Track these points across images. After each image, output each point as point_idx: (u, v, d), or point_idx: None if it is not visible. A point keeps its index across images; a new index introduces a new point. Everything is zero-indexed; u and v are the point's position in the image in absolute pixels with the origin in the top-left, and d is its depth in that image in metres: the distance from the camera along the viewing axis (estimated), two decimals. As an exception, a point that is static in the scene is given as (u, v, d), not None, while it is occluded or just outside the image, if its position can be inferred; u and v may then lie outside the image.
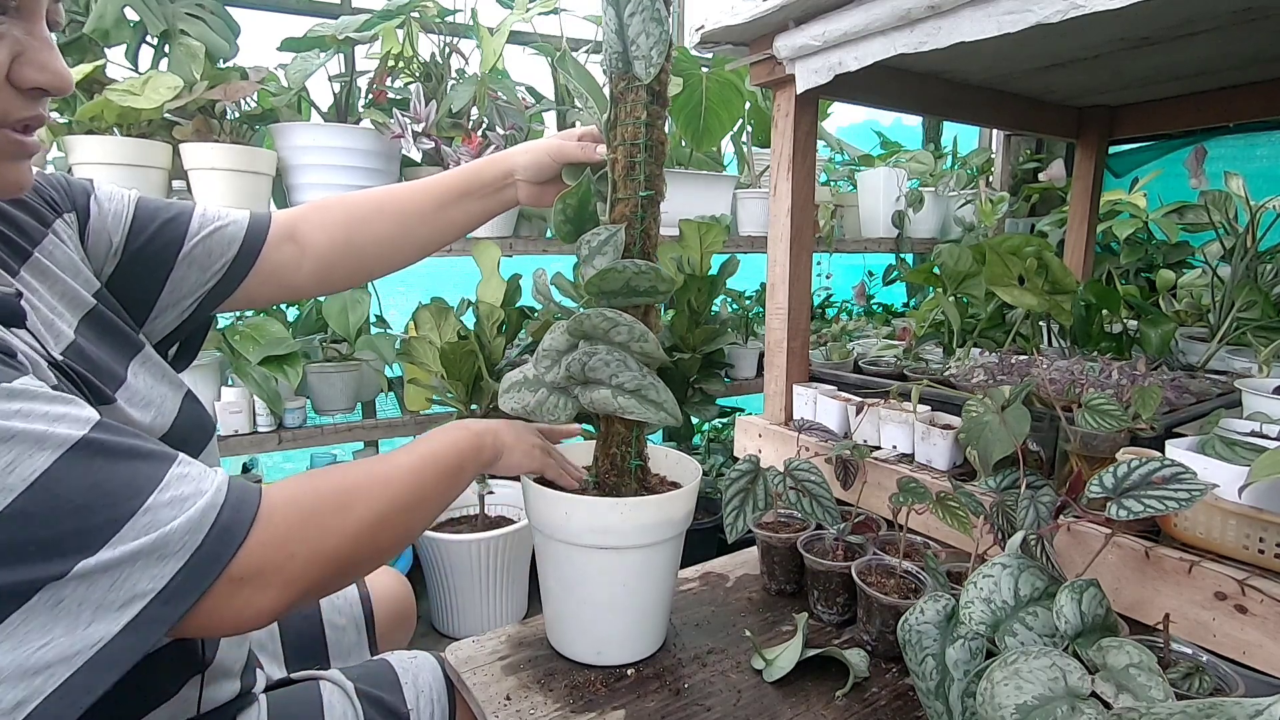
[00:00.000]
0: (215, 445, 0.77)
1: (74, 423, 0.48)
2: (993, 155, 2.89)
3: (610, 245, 0.84)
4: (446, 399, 1.86)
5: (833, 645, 0.91)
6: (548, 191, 0.92)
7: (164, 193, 1.66)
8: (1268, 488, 0.71)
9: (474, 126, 1.86)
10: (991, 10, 0.85)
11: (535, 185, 0.92)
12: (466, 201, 0.91)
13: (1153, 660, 0.56)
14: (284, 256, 0.85)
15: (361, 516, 0.62)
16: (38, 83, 0.49)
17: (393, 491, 0.66)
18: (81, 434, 0.47)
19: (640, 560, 0.87)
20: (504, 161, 0.91)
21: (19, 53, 0.48)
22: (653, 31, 0.78)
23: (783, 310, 1.31)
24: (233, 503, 0.53)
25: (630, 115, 0.82)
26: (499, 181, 0.91)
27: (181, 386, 0.73)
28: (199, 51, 1.65)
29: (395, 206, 0.89)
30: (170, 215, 0.77)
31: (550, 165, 0.90)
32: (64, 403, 0.48)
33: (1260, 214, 1.47)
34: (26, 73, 0.48)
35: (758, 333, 2.45)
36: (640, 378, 0.84)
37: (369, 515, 0.62)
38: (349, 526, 0.60)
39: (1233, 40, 1.12)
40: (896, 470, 1.05)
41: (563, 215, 0.88)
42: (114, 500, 0.47)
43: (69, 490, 0.45)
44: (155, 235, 0.75)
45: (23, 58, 0.48)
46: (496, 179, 0.91)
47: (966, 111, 1.50)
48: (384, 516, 0.64)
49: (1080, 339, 1.49)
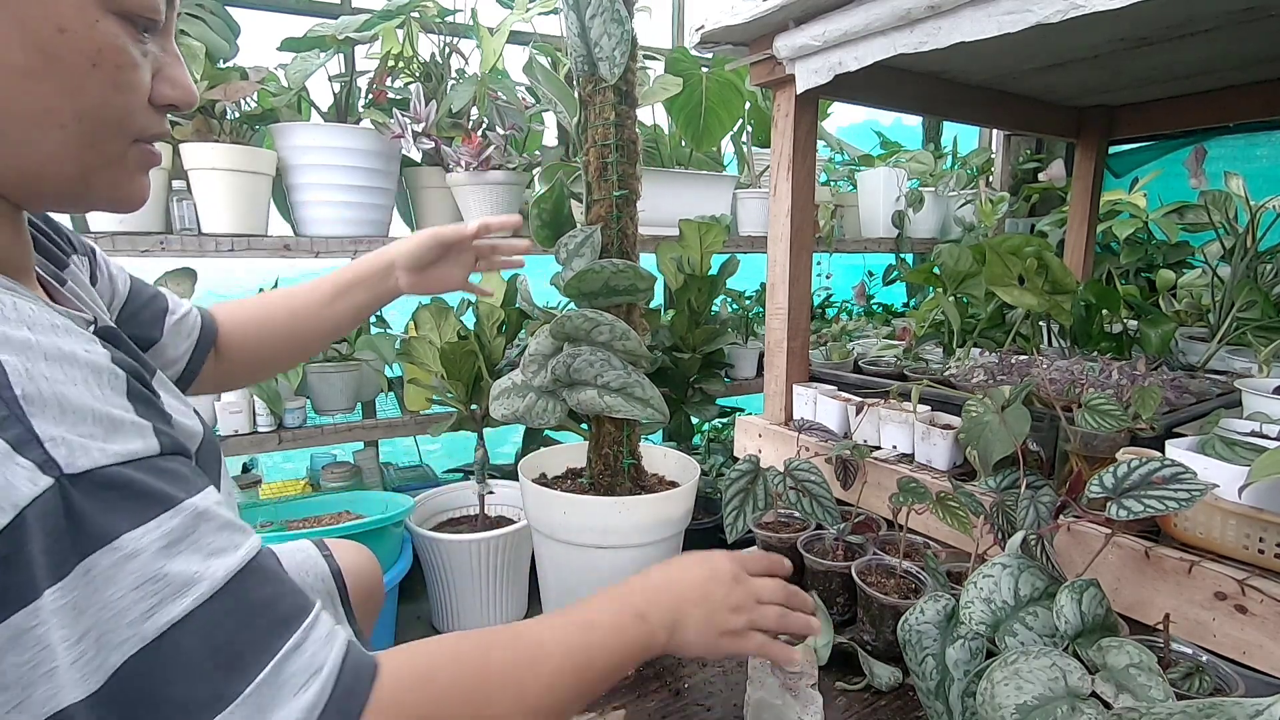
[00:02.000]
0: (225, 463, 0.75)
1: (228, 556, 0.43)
2: (993, 155, 2.89)
3: (587, 246, 0.84)
4: (446, 399, 1.86)
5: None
6: (428, 278, 0.95)
7: (164, 192, 1.66)
8: (1268, 488, 0.71)
9: (474, 126, 1.86)
10: (991, 10, 0.85)
11: (415, 272, 0.94)
12: (353, 293, 0.93)
13: (1153, 660, 0.56)
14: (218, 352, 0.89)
15: (495, 707, 0.51)
16: (172, 99, 0.50)
17: (541, 680, 0.54)
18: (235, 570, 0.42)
19: (639, 559, 0.87)
20: (385, 254, 0.94)
21: (158, 69, 0.49)
22: (614, 33, 0.78)
23: (783, 310, 1.31)
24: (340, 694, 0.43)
25: (599, 117, 0.82)
26: (382, 272, 0.93)
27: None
28: (199, 51, 1.65)
29: (289, 306, 0.92)
30: (154, 291, 0.81)
31: (429, 252, 0.93)
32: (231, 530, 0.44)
33: (1260, 214, 1.47)
34: (164, 90, 0.50)
35: (758, 333, 2.45)
36: (625, 376, 0.84)
37: (507, 705, 0.51)
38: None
39: (1233, 40, 1.12)
40: (896, 470, 1.05)
41: (539, 219, 0.88)
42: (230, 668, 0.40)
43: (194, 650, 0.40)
44: (148, 303, 0.78)
45: (160, 74, 0.49)
46: (379, 270, 0.93)
47: (966, 111, 1.50)
48: (525, 706, 0.53)
49: (1080, 339, 1.49)
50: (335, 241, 1.80)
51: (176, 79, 0.50)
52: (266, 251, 1.73)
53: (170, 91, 0.50)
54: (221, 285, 2.31)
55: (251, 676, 0.40)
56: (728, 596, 0.69)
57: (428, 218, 1.99)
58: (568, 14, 0.81)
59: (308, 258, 1.80)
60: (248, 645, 0.41)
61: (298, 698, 0.41)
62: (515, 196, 1.92)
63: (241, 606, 0.42)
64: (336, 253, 1.82)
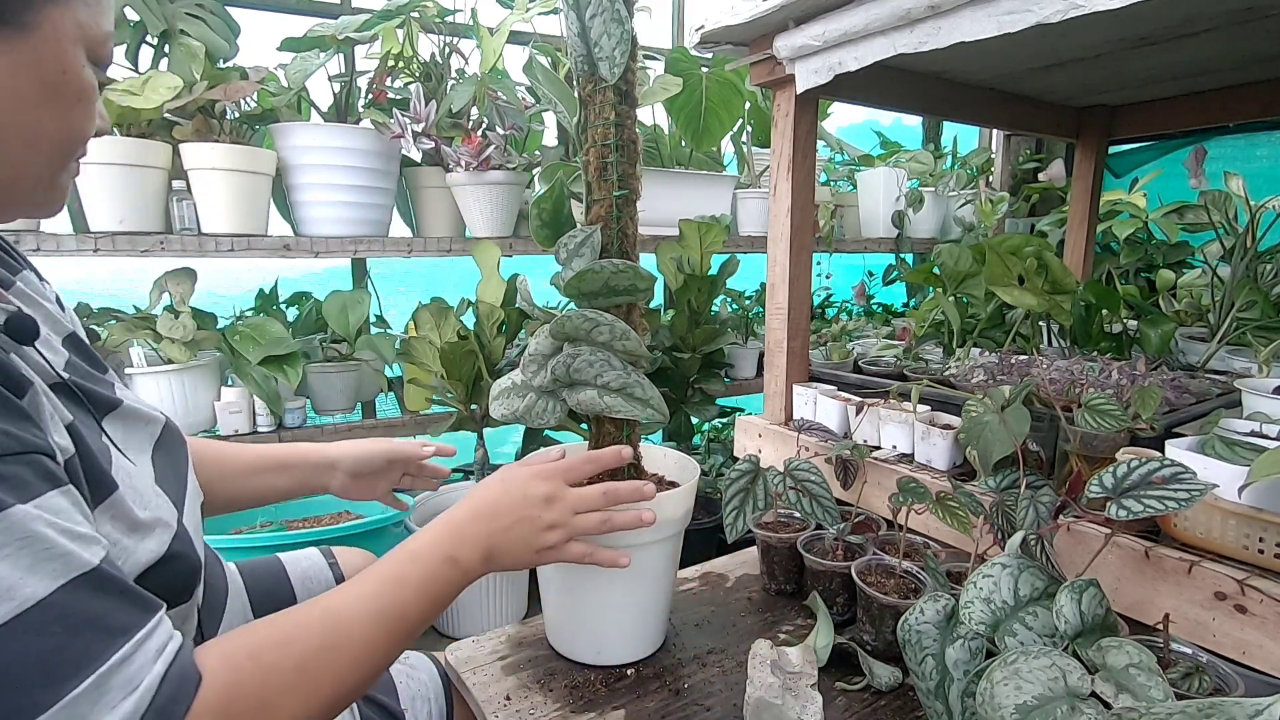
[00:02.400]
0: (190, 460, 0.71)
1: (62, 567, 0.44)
2: (993, 155, 2.90)
3: (587, 246, 0.84)
4: (446, 399, 1.86)
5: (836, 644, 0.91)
6: (362, 485, 0.97)
7: (164, 192, 1.66)
8: (1267, 488, 0.71)
9: (474, 126, 1.86)
10: (991, 10, 0.85)
11: (356, 478, 0.96)
12: (277, 475, 0.92)
13: (1153, 660, 0.56)
14: None
15: (318, 693, 0.54)
16: (100, 129, 0.61)
17: (354, 654, 0.57)
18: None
19: (639, 559, 0.87)
20: (329, 451, 0.95)
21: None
22: (614, 32, 0.78)
23: (783, 310, 1.31)
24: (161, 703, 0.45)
25: (599, 117, 0.82)
26: (321, 467, 0.94)
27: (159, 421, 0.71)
28: (199, 51, 1.65)
29: (217, 457, 0.89)
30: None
31: (378, 463, 0.96)
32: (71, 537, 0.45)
33: (1260, 214, 1.47)
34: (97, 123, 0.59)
35: (758, 333, 2.45)
36: (625, 376, 0.84)
37: (327, 690, 0.55)
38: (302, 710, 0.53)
39: (1233, 40, 1.12)
40: (896, 470, 1.05)
41: (539, 220, 0.88)
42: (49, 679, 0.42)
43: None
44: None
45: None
46: (318, 464, 0.94)
47: (966, 111, 1.50)
48: (343, 687, 0.56)
49: (1080, 339, 1.49)
50: (335, 241, 1.80)
51: (103, 113, 0.62)
52: (266, 251, 1.73)
53: (101, 124, 0.61)
54: (221, 285, 2.31)
55: (71, 687, 0.42)
56: (541, 516, 0.70)
57: (427, 217, 1.99)
58: (568, 14, 0.81)
59: (308, 257, 1.80)
60: (71, 656, 0.43)
61: (116, 709, 0.43)
62: (515, 196, 1.92)
63: (68, 618, 0.43)
64: (336, 253, 1.82)
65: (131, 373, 1.66)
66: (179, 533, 0.59)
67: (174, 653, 0.48)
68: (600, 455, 0.78)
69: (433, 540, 0.66)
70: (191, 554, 0.60)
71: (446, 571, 0.65)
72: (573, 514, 0.72)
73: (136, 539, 0.54)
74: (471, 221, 1.93)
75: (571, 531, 0.71)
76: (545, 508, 0.70)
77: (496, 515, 0.69)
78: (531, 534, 0.70)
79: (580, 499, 0.73)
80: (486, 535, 0.68)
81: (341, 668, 0.56)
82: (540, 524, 0.70)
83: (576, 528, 0.72)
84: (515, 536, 0.69)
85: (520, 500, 0.70)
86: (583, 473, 0.76)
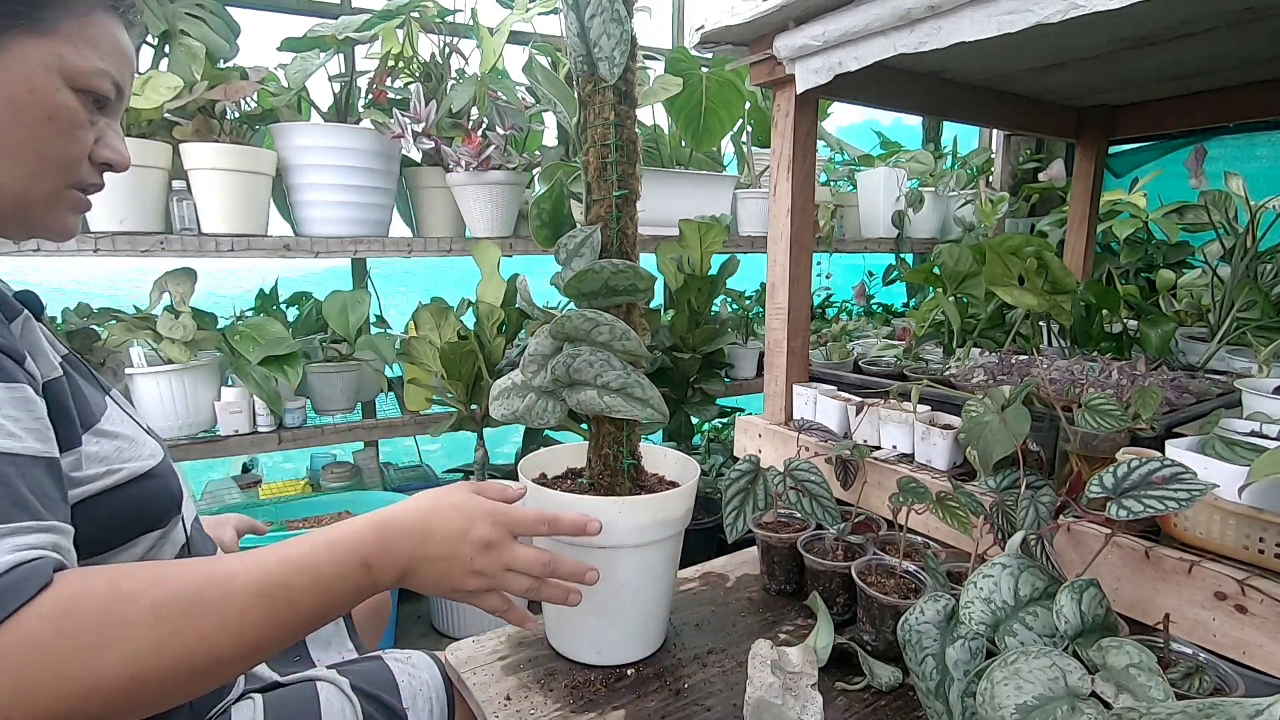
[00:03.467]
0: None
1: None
2: (993, 155, 2.89)
3: (587, 246, 0.84)
4: (446, 399, 1.86)
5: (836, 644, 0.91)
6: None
7: (164, 192, 1.66)
8: (1268, 488, 0.71)
9: (474, 126, 1.86)
10: (991, 10, 0.85)
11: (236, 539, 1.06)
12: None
13: (1153, 660, 0.56)
14: None
15: (168, 643, 0.49)
16: (108, 159, 0.67)
17: (223, 619, 0.52)
18: None
19: (639, 559, 0.87)
20: (220, 517, 1.07)
21: (99, 138, 0.66)
22: (614, 33, 0.78)
23: (783, 310, 1.31)
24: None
25: (599, 117, 0.82)
26: (214, 526, 1.04)
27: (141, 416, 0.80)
28: (199, 51, 1.65)
29: None
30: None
31: (244, 528, 1.08)
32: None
33: (1260, 214, 1.47)
34: (102, 152, 0.66)
35: (758, 333, 2.45)
36: (625, 376, 0.84)
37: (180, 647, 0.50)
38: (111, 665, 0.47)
39: (1233, 40, 1.12)
40: (896, 470, 1.05)
41: (539, 220, 0.88)
42: None
43: None
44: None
45: (102, 142, 0.66)
46: (212, 523, 1.04)
47: (966, 111, 1.50)
48: (201, 650, 0.51)
49: (1080, 339, 1.49)
50: (335, 241, 1.80)
51: (115, 146, 0.67)
52: (266, 251, 1.73)
53: (109, 154, 0.66)
54: (222, 285, 2.31)
55: None
56: (473, 560, 0.66)
57: (428, 217, 1.99)
58: (567, 14, 0.81)
59: (308, 257, 1.80)
60: None
61: None
62: (515, 196, 1.92)
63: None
64: (336, 252, 1.82)
65: (131, 373, 1.66)
66: (165, 463, 0.70)
67: (32, 555, 0.48)
68: (561, 519, 0.74)
69: (355, 538, 0.62)
70: (174, 484, 0.70)
71: (356, 575, 0.61)
72: (504, 570, 0.68)
73: (131, 450, 0.66)
74: (471, 221, 1.93)
75: (497, 585, 0.68)
76: (480, 552, 0.67)
77: (429, 541, 0.65)
78: (455, 573, 0.66)
79: (517, 560, 0.68)
80: (410, 556, 0.64)
81: (205, 628, 0.51)
82: (469, 567, 0.66)
83: (502, 585, 0.68)
84: (438, 569, 0.65)
85: (458, 536, 0.66)
86: (534, 532, 0.73)
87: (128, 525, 0.65)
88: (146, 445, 0.69)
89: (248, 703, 0.80)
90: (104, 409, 0.67)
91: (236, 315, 1.94)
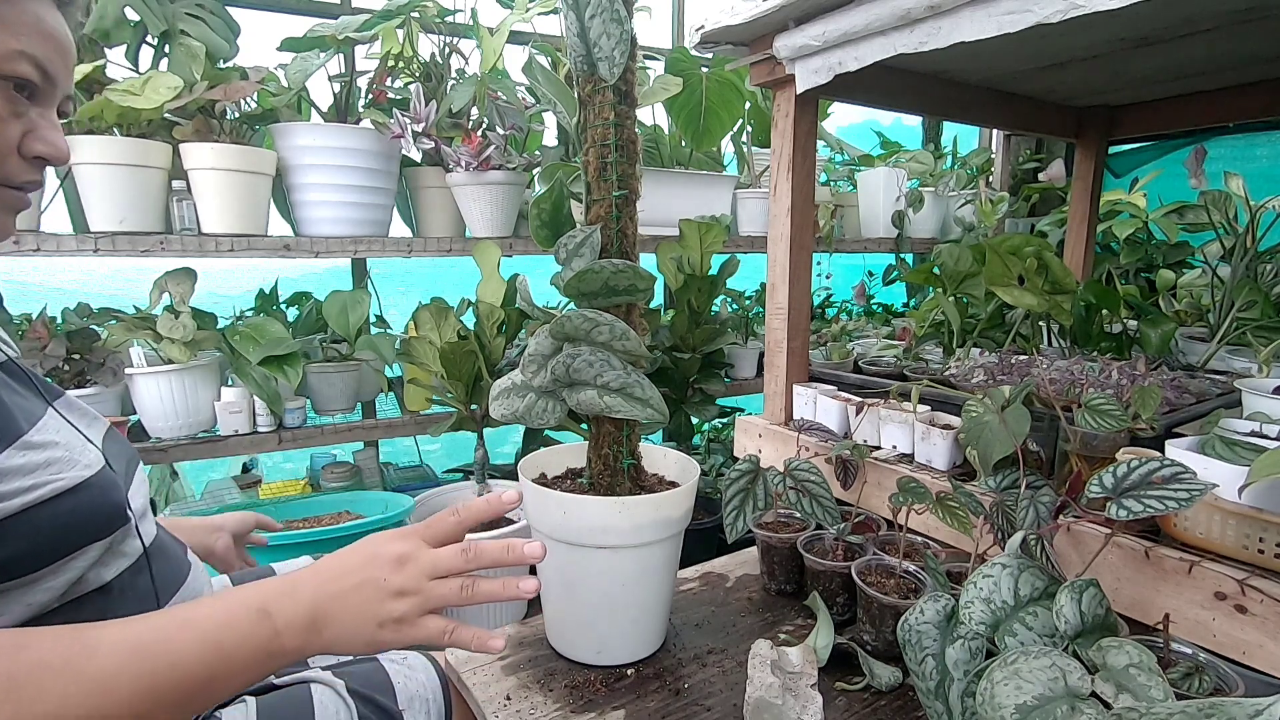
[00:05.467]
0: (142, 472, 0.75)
1: None
2: (993, 155, 2.89)
3: (587, 246, 0.84)
4: (446, 399, 1.86)
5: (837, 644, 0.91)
6: (239, 548, 1.06)
7: (164, 193, 1.66)
8: (1268, 488, 0.71)
9: (474, 126, 1.86)
10: (991, 10, 0.85)
11: (236, 540, 1.04)
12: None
13: (1153, 660, 0.56)
14: None
15: (28, 710, 0.46)
16: (40, 153, 0.61)
17: (91, 684, 0.48)
18: None
19: (639, 559, 0.87)
20: (216, 520, 1.03)
21: (30, 129, 0.60)
22: (614, 33, 0.78)
23: (783, 310, 1.31)
24: None
25: (599, 117, 0.83)
26: (208, 529, 1.01)
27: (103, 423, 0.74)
28: (199, 51, 1.65)
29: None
30: None
31: (250, 527, 1.07)
32: None
33: (1260, 214, 1.47)
34: (34, 145, 0.60)
35: (758, 333, 2.45)
36: (625, 376, 0.84)
37: (40, 711, 0.46)
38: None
39: (1233, 40, 1.12)
40: (896, 470, 1.05)
41: (539, 220, 0.88)
42: None
43: None
44: None
45: (33, 134, 0.60)
46: (206, 527, 1.01)
47: (966, 111, 1.50)
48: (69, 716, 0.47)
49: (1080, 339, 1.49)
50: (335, 241, 1.80)
51: (48, 139, 0.61)
52: (266, 251, 1.73)
53: (41, 147, 0.60)
54: (222, 285, 2.31)
55: None
56: (388, 581, 0.58)
57: (427, 217, 1.99)
58: (567, 14, 0.81)
59: (308, 258, 1.80)
60: None
61: None
62: (515, 196, 1.92)
63: None
64: (336, 253, 1.82)
65: (131, 373, 1.66)
66: (103, 473, 0.62)
67: None
68: (472, 507, 0.65)
69: (256, 588, 0.57)
70: (114, 495, 0.62)
71: (250, 625, 0.55)
72: (428, 579, 0.59)
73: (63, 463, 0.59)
74: (471, 221, 1.93)
75: (426, 601, 0.59)
76: (395, 569, 0.59)
77: (336, 574, 0.58)
78: (374, 601, 0.58)
79: (438, 563, 0.60)
80: (315, 593, 0.57)
81: (70, 694, 0.47)
82: (386, 589, 0.58)
83: (432, 596, 0.59)
84: (354, 602, 0.57)
85: (366, 559, 0.59)
86: (444, 529, 0.63)
87: (59, 542, 0.58)
88: (84, 454, 0.62)
89: (240, 705, 0.80)
90: (38, 418, 0.61)
91: (236, 315, 1.94)
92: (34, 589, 0.57)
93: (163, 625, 0.53)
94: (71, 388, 1.59)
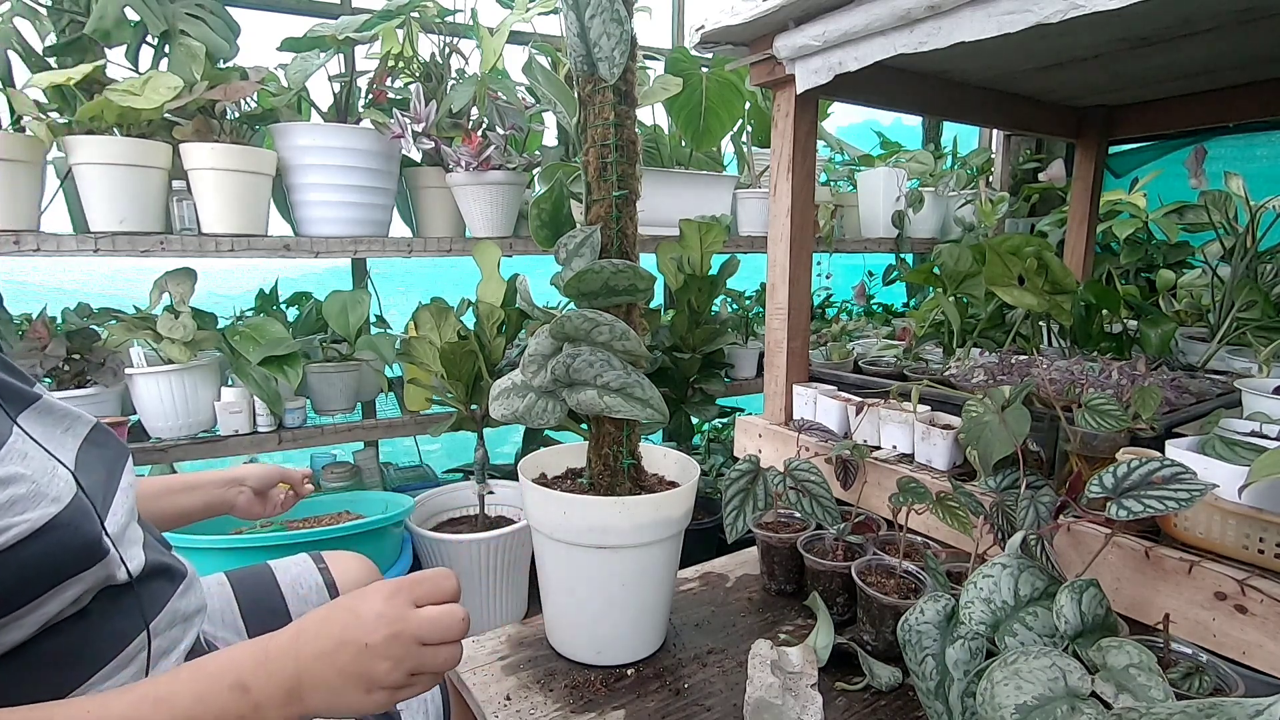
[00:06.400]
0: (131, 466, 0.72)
1: None
2: (993, 155, 2.89)
3: (587, 246, 0.84)
4: (446, 399, 1.86)
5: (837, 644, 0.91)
6: (256, 502, 1.04)
7: (164, 193, 1.66)
8: (1268, 488, 0.71)
9: (474, 126, 1.86)
10: (991, 10, 0.85)
11: (257, 494, 1.04)
12: (186, 495, 0.96)
13: (1153, 660, 0.56)
14: None
15: None
16: None
17: None
18: None
19: (639, 559, 0.87)
20: (237, 471, 1.02)
21: None
22: (614, 33, 0.78)
23: (783, 310, 1.31)
24: None
25: (599, 117, 0.83)
26: (229, 482, 1.00)
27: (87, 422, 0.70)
28: (199, 52, 1.65)
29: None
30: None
31: (273, 481, 1.05)
32: None
33: (1260, 214, 1.47)
34: None
35: (758, 333, 2.45)
36: (625, 376, 0.84)
37: None
38: None
39: (1233, 40, 1.12)
40: (896, 470, 1.05)
41: (539, 220, 0.88)
42: None
43: None
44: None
45: None
46: (227, 480, 1.00)
47: (966, 111, 1.50)
48: None
49: (1080, 339, 1.49)
50: (335, 241, 1.80)
51: None
52: (266, 251, 1.73)
53: None
54: (222, 285, 2.31)
55: None
56: (373, 647, 0.55)
57: (427, 217, 1.99)
58: (567, 14, 0.81)
59: (308, 258, 1.80)
60: None
61: None
62: (515, 196, 1.92)
63: None
64: (336, 252, 1.82)
65: (131, 373, 1.66)
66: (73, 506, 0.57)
67: None
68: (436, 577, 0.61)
69: (230, 659, 0.55)
70: (86, 528, 0.57)
71: (228, 700, 0.52)
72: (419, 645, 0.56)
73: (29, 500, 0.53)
74: (471, 221, 1.93)
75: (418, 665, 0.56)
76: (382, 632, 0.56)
77: (315, 636, 0.56)
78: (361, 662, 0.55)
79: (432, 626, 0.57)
80: (296, 659, 0.54)
81: None
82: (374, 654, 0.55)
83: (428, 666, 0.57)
84: (337, 664, 0.55)
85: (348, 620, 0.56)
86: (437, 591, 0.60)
87: (29, 586, 0.54)
88: (52, 484, 0.57)
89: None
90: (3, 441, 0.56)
91: (236, 315, 1.94)
92: (4, 630, 0.54)
93: (136, 703, 0.51)
94: (72, 388, 1.59)
